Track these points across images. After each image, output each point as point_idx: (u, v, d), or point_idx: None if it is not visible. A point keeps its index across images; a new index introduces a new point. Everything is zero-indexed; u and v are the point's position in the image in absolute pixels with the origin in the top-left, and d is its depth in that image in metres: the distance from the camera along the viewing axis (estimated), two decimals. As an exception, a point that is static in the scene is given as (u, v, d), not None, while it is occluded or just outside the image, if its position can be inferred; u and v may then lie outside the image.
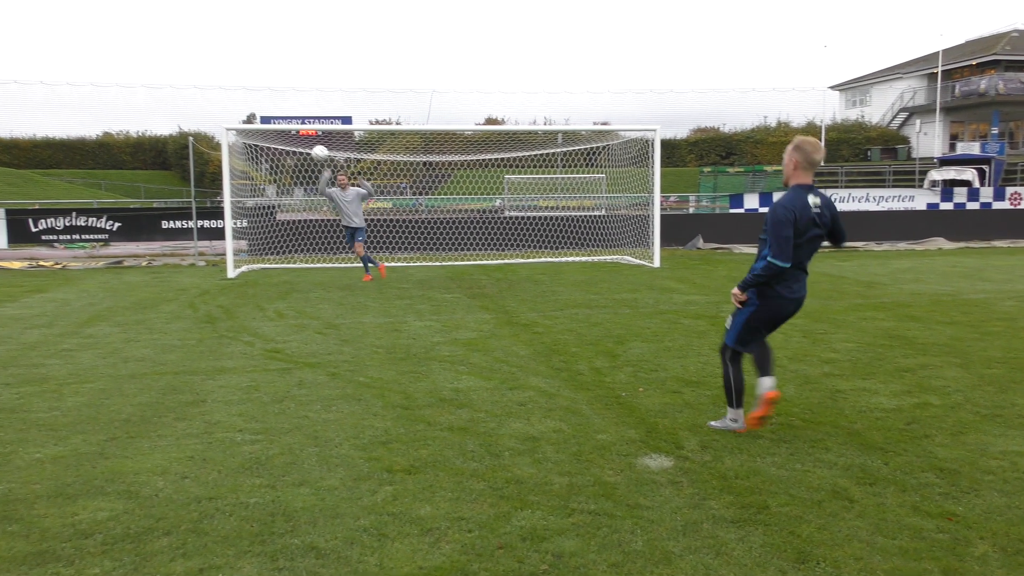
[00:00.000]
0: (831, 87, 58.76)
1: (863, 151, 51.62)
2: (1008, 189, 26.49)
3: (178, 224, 21.85)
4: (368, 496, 4.22)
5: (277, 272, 16.49)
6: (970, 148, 43.24)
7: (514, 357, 7.72)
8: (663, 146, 21.20)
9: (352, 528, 3.83)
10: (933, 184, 30.59)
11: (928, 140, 48.35)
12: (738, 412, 5.29)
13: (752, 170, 43.86)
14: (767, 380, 5.04)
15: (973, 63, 48.54)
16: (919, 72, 52.12)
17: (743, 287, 5.07)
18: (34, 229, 21.11)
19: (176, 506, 4.10)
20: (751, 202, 25.04)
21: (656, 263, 17.23)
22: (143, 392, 6.45)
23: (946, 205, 25.75)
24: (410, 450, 4.97)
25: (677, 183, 45.83)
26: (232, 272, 15.87)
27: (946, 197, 26.13)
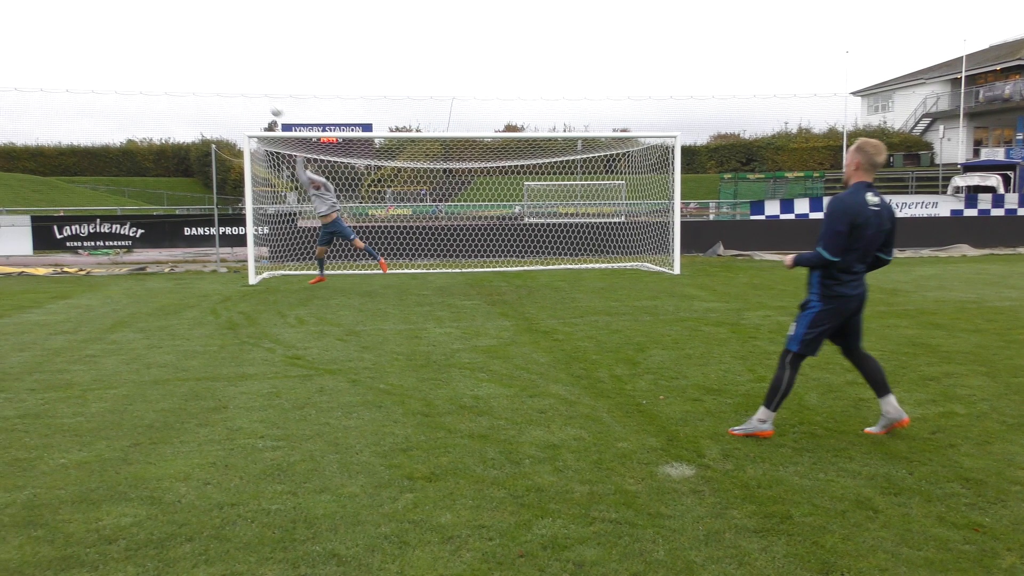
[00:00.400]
0: (853, 93, 58.38)
1: (886, 157, 51.24)
2: (1033, 195, 26.22)
3: (200, 231, 22.05)
4: (389, 503, 4.23)
5: (298, 279, 16.57)
6: (994, 154, 42.85)
7: (534, 364, 7.71)
8: (683, 152, 21.14)
9: (373, 535, 3.83)
10: (957, 190, 30.31)
11: (952, 146, 47.90)
12: (770, 415, 5.25)
13: (773, 176, 43.70)
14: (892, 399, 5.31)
15: (997, 68, 48.05)
16: (942, 77, 51.69)
17: (795, 261, 5.26)
18: (59, 236, 21.38)
19: (198, 512, 4.13)
20: (772, 209, 24.91)
21: (676, 270, 17.16)
22: (166, 398, 6.50)
23: (970, 211, 25.49)
24: (430, 457, 4.97)
25: (697, 190, 45.74)
26: (253, 279, 15.99)
27: (970, 203, 25.88)
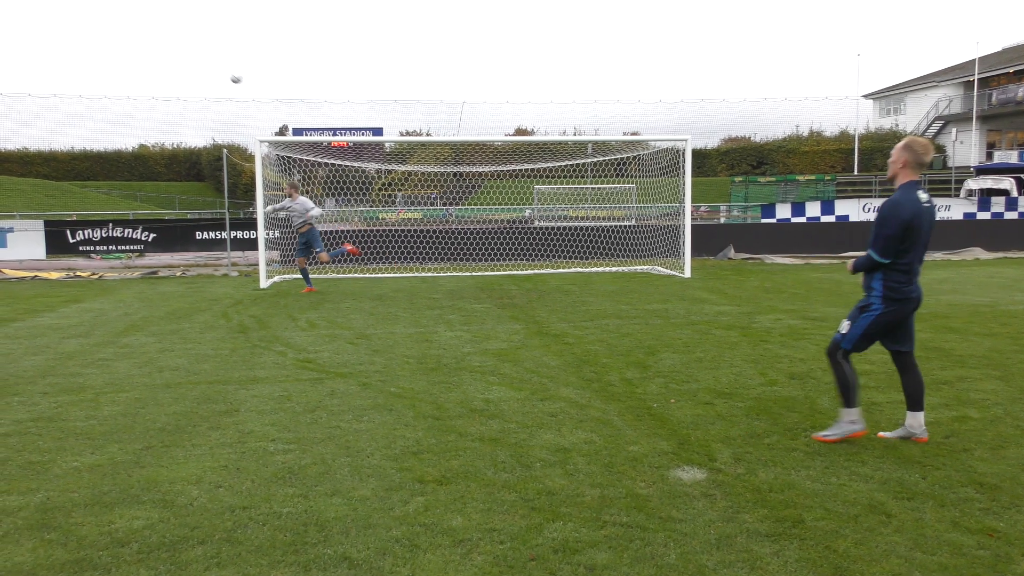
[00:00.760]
0: (865, 96, 58.18)
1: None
2: (1048, 198, 26.03)
3: (212, 235, 22.11)
4: (400, 506, 4.23)
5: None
6: (1007, 157, 42.62)
7: (545, 368, 7.70)
8: (694, 155, 21.13)
9: (384, 538, 3.83)
10: (970, 193, 30.14)
11: (964, 149, 47.70)
12: (855, 412, 5.21)
13: (784, 179, 43.60)
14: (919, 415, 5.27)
15: (1010, 71, 47.83)
16: (955, 80, 51.46)
17: (853, 267, 5.25)
18: (72, 240, 21.49)
19: (210, 515, 4.14)
20: (783, 212, 24.83)
21: (687, 273, 17.13)
22: (178, 401, 6.52)
23: (983, 215, 25.33)
24: (441, 461, 4.97)
25: (708, 193, 45.67)
26: (264, 282, 16.04)
27: (983, 207, 25.71)
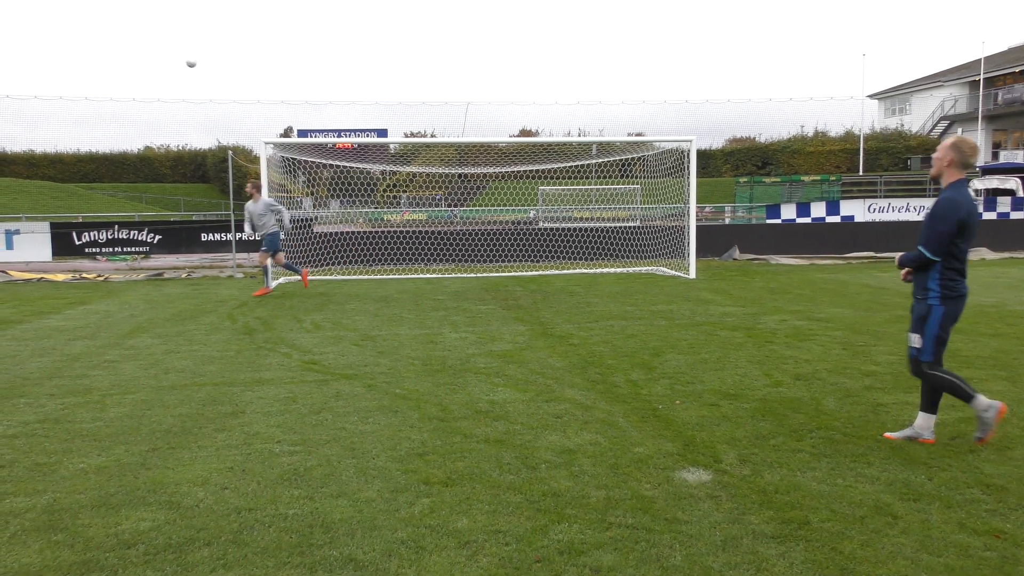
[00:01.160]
0: (870, 96, 58.12)
1: (903, 160, 50.96)
2: (1054, 198, 25.96)
3: (217, 237, 22.14)
4: (405, 508, 4.24)
5: (314, 284, 16.63)
6: (1013, 157, 42.48)
7: (550, 369, 7.70)
8: (698, 156, 21.11)
9: (390, 540, 3.84)
10: (976, 193, 30.05)
11: (970, 149, 47.43)
12: (980, 398, 5.13)
13: (789, 180, 43.49)
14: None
15: (1016, 70, 47.70)
16: (960, 80, 51.36)
17: (899, 261, 5.28)
18: (78, 242, 21.54)
19: (216, 517, 4.15)
20: (788, 212, 24.79)
21: (692, 274, 17.12)
22: (183, 403, 6.54)
23: (989, 215, 25.25)
24: (447, 462, 4.97)
25: (713, 193, 45.60)
26: (270, 284, 16.03)
27: (989, 207, 25.64)
